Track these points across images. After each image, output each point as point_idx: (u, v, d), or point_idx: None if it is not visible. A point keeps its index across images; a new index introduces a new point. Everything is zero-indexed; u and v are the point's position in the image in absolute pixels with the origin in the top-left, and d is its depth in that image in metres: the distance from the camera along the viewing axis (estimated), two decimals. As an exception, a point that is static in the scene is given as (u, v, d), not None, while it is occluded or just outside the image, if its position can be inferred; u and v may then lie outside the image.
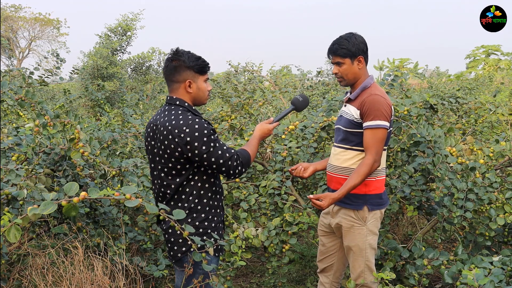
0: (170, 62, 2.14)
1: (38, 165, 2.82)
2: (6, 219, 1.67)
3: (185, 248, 2.13)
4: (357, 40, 2.42)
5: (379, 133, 2.35)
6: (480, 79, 14.08)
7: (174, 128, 2.04)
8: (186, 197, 2.11)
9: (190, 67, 2.13)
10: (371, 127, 2.36)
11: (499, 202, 2.92)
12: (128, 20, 11.15)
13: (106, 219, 3.02)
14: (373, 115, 2.35)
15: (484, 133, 4.89)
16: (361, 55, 2.43)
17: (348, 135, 2.47)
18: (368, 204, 2.45)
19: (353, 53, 2.41)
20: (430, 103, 3.57)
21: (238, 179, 3.47)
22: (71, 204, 1.70)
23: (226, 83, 6.63)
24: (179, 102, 2.14)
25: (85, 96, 8.89)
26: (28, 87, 3.47)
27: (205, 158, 2.04)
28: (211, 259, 2.17)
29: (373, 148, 2.36)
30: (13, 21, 31.15)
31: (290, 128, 3.56)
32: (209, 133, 2.05)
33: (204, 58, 2.19)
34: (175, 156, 2.06)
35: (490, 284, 2.05)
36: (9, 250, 2.76)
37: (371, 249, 2.52)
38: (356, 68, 2.45)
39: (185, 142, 2.02)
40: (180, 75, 2.14)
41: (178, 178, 2.10)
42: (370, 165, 2.35)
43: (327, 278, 2.73)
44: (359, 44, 2.42)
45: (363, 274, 2.52)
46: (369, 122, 2.36)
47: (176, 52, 2.16)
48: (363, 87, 2.46)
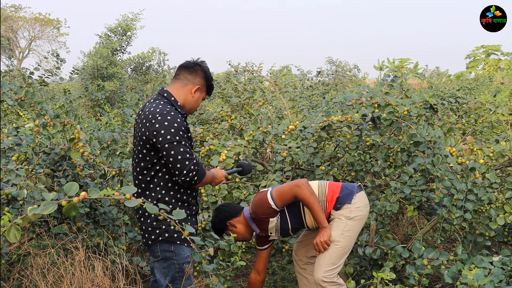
0: (194, 64, 2.31)
1: (38, 165, 2.82)
2: (6, 219, 1.67)
3: (154, 236, 2.21)
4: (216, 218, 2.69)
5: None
6: (480, 79, 14.06)
7: (149, 114, 2.16)
8: (153, 187, 2.21)
9: (206, 80, 2.33)
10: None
11: (499, 202, 2.92)
12: (128, 20, 11.14)
13: (106, 219, 3.01)
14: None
15: (484, 133, 4.89)
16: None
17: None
18: (345, 201, 2.60)
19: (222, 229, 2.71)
20: (430, 103, 3.57)
21: (238, 179, 3.47)
22: (71, 204, 1.71)
23: (226, 83, 6.63)
24: (166, 94, 2.27)
25: (85, 96, 8.89)
26: (28, 87, 3.47)
27: (166, 148, 2.11)
28: (182, 250, 2.22)
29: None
30: (13, 21, 31.14)
31: (290, 128, 3.56)
32: (179, 128, 2.13)
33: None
34: (143, 141, 2.17)
35: (490, 284, 2.05)
36: (9, 250, 2.76)
37: (341, 247, 2.55)
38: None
39: (154, 129, 2.12)
40: (196, 78, 2.30)
41: (142, 163, 2.21)
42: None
43: (301, 257, 2.83)
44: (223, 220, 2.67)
45: (323, 266, 2.53)
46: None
47: (202, 62, 2.35)
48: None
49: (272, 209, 2.56)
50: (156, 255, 2.25)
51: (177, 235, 2.18)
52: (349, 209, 2.59)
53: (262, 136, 3.61)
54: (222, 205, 2.75)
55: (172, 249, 2.21)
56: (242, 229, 2.66)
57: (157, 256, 2.25)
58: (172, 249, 2.21)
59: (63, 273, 2.60)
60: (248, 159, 3.57)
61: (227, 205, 2.74)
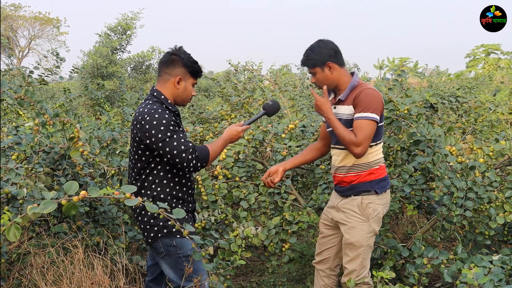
0: (170, 55, 2.26)
1: (38, 164, 2.82)
2: (6, 218, 1.67)
3: (153, 234, 2.22)
4: (322, 48, 2.44)
5: (366, 124, 2.37)
6: (480, 78, 14.06)
7: (138, 115, 2.19)
8: (149, 185, 2.22)
9: (186, 66, 2.26)
10: (361, 118, 2.38)
11: (499, 201, 2.91)
12: (128, 19, 11.13)
13: (106, 218, 3.01)
14: (363, 106, 2.37)
15: (484, 132, 4.88)
16: (329, 60, 2.43)
17: None
18: (376, 188, 2.50)
19: (320, 61, 2.43)
20: (430, 102, 3.57)
21: (238, 178, 3.47)
22: (71, 203, 1.70)
23: (226, 82, 6.61)
24: (156, 93, 2.27)
25: (85, 95, 8.87)
26: (27, 86, 3.47)
27: (161, 147, 2.13)
28: (184, 243, 2.22)
29: (358, 136, 2.36)
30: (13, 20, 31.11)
31: (290, 127, 3.56)
32: (168, 124, 2.14)
33: (200, 65, 2.32)
34: (137, 142, 2.20)
35: (490, 283, 2.05)
36: (9, 249, 2.76)
37: (368, 247, 2.53)
38: (329, 74, 2.46)
39: (144, 130, 2.14)
40: (174, 70, 2.26)
41: (139, 163, 2.22)
42: (354, 146, 2.36)
43: (323, 269, 2.77)
44: (325, 51, 2.43)
45: (356, 271, 2.53)
46: (359, 114, 2.39)
47: (179, 48, 2.29)
48: (351, 87, 2.47)
49: (375, 108, 2.37)
50: (159, 252, 2.25)
51: (176, 230, 2.19)
52: (372, 201, 2.49)
53: (262, 135, 3.61)
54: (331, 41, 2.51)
55: (174, 244, 2.22)
56: (334, 79, 2.46)
57: (161, 253, 2.24)
58: (174, 243, 2.22)
59: (62, 272, 2.60)
60: (248, 158, 3.56)
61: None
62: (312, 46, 2.47)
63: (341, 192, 2.60)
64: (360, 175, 2.51)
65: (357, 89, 2.45)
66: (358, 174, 2.51)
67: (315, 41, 2.51)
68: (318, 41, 2.49)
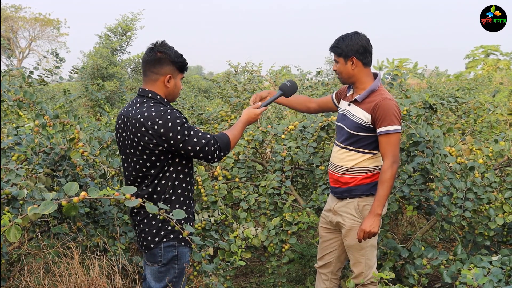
0: (155, 53, 2.12)
1: (38, 165, 2.82)
2: (6, 218, 1.68)
3: (158, 239, 2.14)
4: (353, 41, 2.39)
5: (394, 138, 2.37)
6: (479, 79, 14.07)
7: (147, 121, 2.04)
8: (162, 188, 2.12)
9: (174, 62, 2.15)
10: (387, 132, 2.37)
11: (498, 201, 2.92)
12: (128, 20, 11.15)
13: (106, 219, 3.02)
14: (388, 120, 2.36)
15: (483, 133, 4.89)
16: (354, 56, 2.39)
17: (354, 137, 2.47)
18: (373, 191, 2.49)
19: (345, 53, 2.40)
20: (429, 103, 3.57)
21: (238, 179, 3.48)
22: (71, 203, 1.71)
23: (226, 83, 6.62)
24: (151, 94, 2.14)
25: (85, 96, 8.88)
26: (27, 87, 3.47)
27: (182, 147, 2.05)
28: (184, 254, 2.18)
29: (389, 153, 2.38)
30: (13, 21, 31.14)
31: (289, 128, 3.57)
32: (182, 122, 2.05)
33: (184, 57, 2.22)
34: (149, 148, 2.06)
35: (489, 284, 2.05)
36: (9, 250, 2.76)
37: (372, 247, 2.53)
38: (349, 68, 2.43)
39: (160, 134, 2.03)
40: (162, 68, 2.13)
41: (153, 169, 2.10)
42: (391, 168, 2.37)
43: (325, 272, 2.78)
44: (354, 45, 2.39)
45: (363, 273, 2.54)
46: (384, 128, 2.37)
47: (163, 44, 2.16)
48: (370, 90, 2.43)
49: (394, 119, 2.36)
50: (156, 260, 2.15)
51: (181, 235, 2.13)
52: (368, 202, 2.49)
53: (261, 136, 3.61)
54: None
55: (176, 253, 2.15)
56: (355, 75, 2.44)
57: (158, 261, 2.15)
58: (176, 252, 2.15)
59: (62, 272, 2.60)
60: (248, 159, 3.57)
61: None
62: (345, 36, 2.43)
63: (336, 193, 2.60)
64: (357, 178, 2.51)
65: (376, 96, 2.41)
66: (354, 177, 2.51)
67: (351, 31, 2.46)
68: (354, 33, 2.44)
